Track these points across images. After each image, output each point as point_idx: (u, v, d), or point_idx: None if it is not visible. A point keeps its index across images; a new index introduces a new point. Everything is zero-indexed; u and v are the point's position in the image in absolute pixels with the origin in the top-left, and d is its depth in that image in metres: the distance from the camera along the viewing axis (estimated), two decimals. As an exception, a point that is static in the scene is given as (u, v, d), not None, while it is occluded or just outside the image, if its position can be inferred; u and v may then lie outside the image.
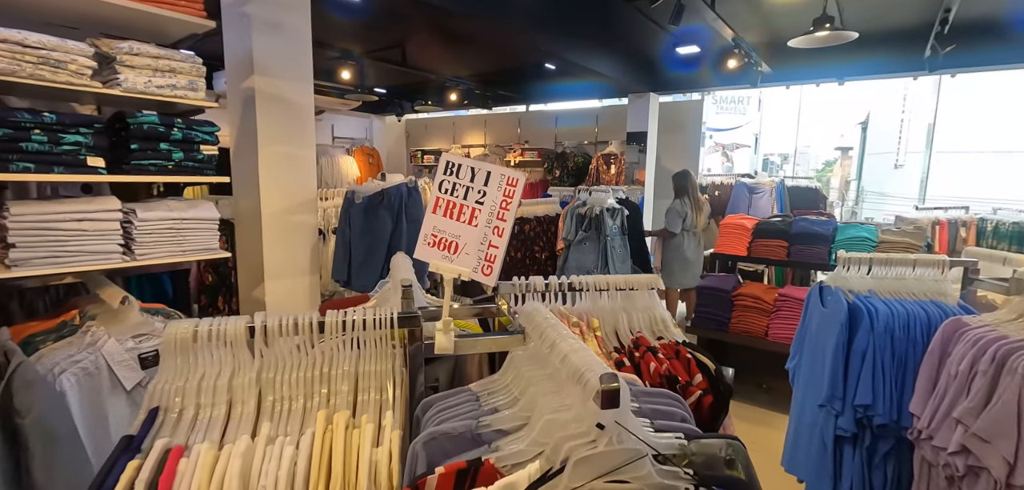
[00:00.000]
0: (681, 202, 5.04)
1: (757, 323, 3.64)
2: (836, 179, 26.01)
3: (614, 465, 0.71)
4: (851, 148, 25.75)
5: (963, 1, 3.80)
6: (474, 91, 7.38)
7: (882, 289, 2.04)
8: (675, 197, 5.11)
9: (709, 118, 26.13)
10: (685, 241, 5.07)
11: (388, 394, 1.01)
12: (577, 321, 1.42)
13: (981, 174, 13.35)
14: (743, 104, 27.96)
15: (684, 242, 5.06)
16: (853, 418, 1.91)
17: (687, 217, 5.00)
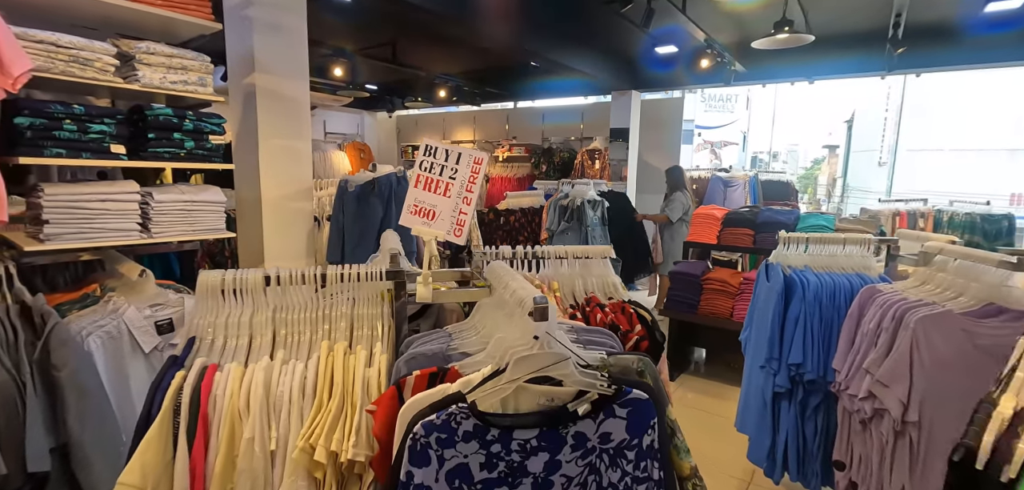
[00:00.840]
0: (683, 194, 5.50)
1: (724, 305, 3.92)
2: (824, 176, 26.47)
3: (544, 364, 0.96)
4: (838, 146, 26.21)
5: (913, 8, 4.09)
6: (463, 88, 7.62)
7: (816, 264, 2.32)
8: (674, 190, 5.54)
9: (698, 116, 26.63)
10: (685, 231, 5.44)
11: (378, 331, 1.26)
12: (539, 284, 1.67)
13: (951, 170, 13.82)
14: (731, 102, 28.35)
15: (684, 231, 5.42)
16: (787, 376, 2.19)
17: (689, 210, 5.40)
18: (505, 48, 5.55)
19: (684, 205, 5.54)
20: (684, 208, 5.51)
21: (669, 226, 5.59)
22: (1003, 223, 4.82)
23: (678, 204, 5.52)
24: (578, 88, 7.94)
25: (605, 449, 1.01)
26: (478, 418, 0.93)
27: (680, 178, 5.73)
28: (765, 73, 6.19)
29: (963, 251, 1.85)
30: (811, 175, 28.14)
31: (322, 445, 1.01)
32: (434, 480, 0.91)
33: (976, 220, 4.90)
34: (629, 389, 1.01)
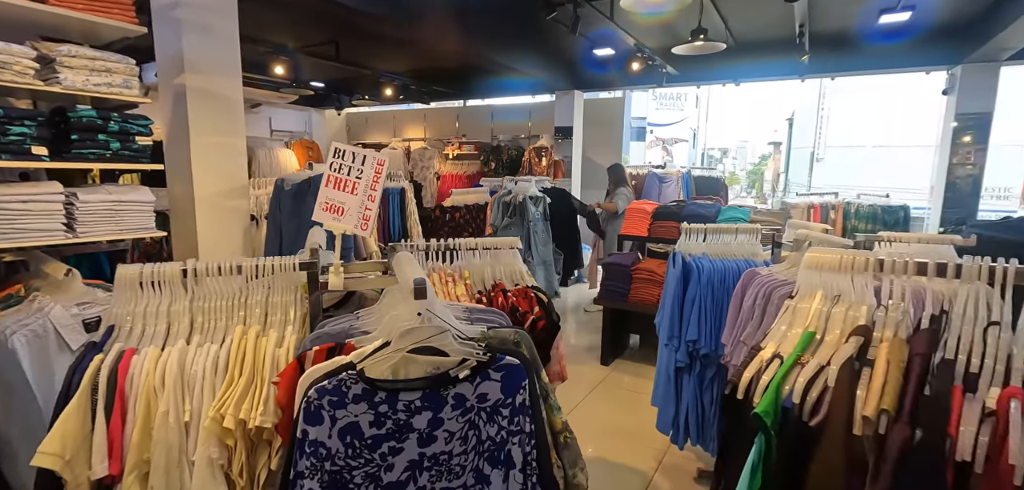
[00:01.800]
0: (626, 188, 5.82)
1: (651, 293, 4.21)
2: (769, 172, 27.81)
3: (424, 336, 1.13)
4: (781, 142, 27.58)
5: (815, 18, 4.51)
6: (410, 86, 7.68)
7: (713, 252, 2.59)
8: (618, 185, 5.84)
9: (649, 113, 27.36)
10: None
11: (290, 316, 1.39)
12: (451, 273, 1.84)
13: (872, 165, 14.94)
14: (681, 100, 29.25)
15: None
16: (686, 352, 2.45)
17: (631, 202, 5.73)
18: (448, 50, 5.68)
19: (628, 198, 5.87)
20: (628, 200, 5.82)
21: (615, 219, 5.87)
22: (900, 213, 5.36)
23: (623, 197, 5.83)
24: (525, 87, 8.16)
25: (482, 407, 1.19)
26: (367, 383, 1.09)
27: (622, 174, 6.06)
28: (694, 75, 6.60)
29: (824, 238, 2.15)
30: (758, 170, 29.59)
31: (231, 414, 1.14)
32: (327, 436, 1.07)
33: (878, 211, 5.42)
34: (503, 356, 1.19)
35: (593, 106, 8.05)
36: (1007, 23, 4.37)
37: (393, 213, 3.87)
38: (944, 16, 4.96)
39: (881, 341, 0.90)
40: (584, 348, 4.83)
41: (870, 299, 1.00)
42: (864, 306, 0.98)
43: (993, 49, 4.87)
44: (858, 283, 1.02)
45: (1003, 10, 4.46)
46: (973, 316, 0.91)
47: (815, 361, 0.91)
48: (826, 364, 0.90)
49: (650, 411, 2.79)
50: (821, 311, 1.03)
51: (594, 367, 4.40)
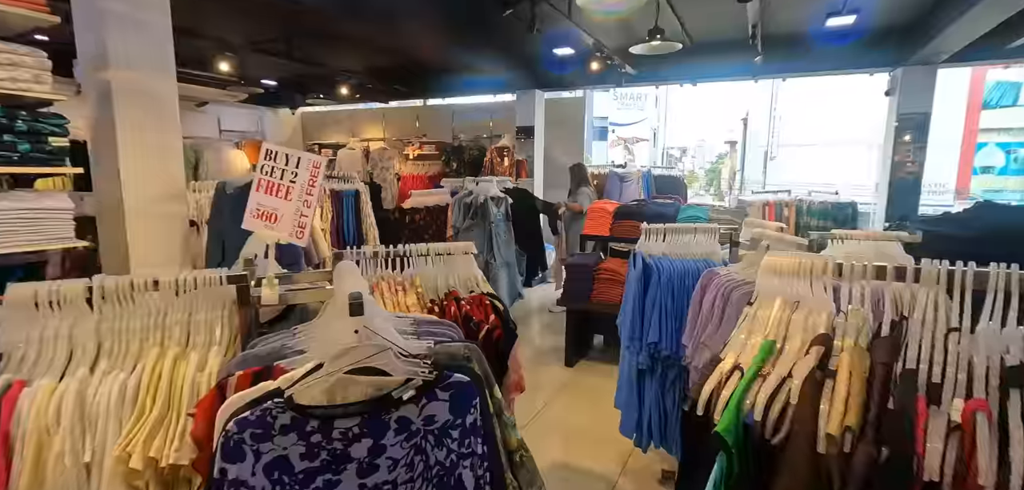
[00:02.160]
0: (588, 187, 5.81)
1: (614, 293, 4.19)
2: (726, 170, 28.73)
3: (361, 356, 1.02)
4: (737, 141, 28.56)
5: (768, 21, 4.62)
6: (367, 85, 7.46)
7: (673, 252, 2.58)
8: (580, 185, 5.81)
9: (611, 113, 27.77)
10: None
11: (216, 335, 1.26)
12: (401, 281, 1.73)
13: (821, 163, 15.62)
14: (641, 100, 29.85)
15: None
16: (648, 354, 2.42)
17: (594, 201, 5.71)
18: (406, 48, 5.53)
19: (591, 197, 5.87)
20: (590, 200, 5.82)
21: (577, 219, 5.84)
22: (848, 210, 5.54)
23: (586, 196, 5.82)
24: (486, 86, 8.07)
25: (430, 430, 1.09)
26: (296, 411, 0.97)
27: (584, 174, 6.06)
28: (653, 76, 6.68)
29: (780, 237, 2.16)
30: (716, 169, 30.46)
31: (140, 452, 1.00)
32: (251, 474, 0.95)
33: (828, 208, 5.59)
34: (450, 373, 1.10)
35: (554, 106, 8.04)
36: (943, 28, 4.58)
37: (348, 217, 3.70)
38: (886, 20, 5.18)
39: (842, 350, 0.86)
40: (548, 349, 4.78)
41: (830, 305, 0.96)
42: (824, 313, 0.95)
43: (930, 52, 5.11)
44: (817, 288, 0.99)
45: (940, 15, 4.68)
46: (932, 321, 0.88)
47: (776, 374, 0.87)
48: (787, 376, 0.85)
49: (615, 413, 2.76)
50: (780, 318, 0.99)
51: (559, 369, 4.35)
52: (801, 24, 5.23)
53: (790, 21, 5.23)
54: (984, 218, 3.78)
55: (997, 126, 15.45)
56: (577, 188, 5.95)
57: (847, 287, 0.99)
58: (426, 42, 5.21)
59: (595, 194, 5.92)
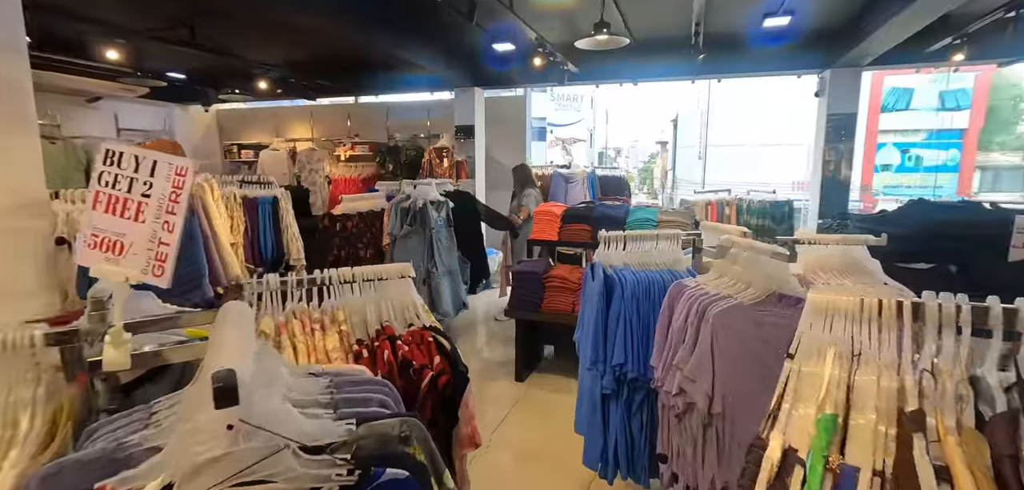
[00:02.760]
0: (534, 189, 5.51)
1: (565, 301, 3.96)
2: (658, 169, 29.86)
3: (243, 465, 0.67)
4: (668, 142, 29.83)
5: (709, 20, 4.58)
6: (290, 80, 6.81)
7: (634, 261, 2.35)
8: (525, 186, 5.51)
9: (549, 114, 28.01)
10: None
11: (21, 429, 0.84)
12: (319, 318, 1.36)
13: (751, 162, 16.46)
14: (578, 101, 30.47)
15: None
16: (613, 376, 2.17)
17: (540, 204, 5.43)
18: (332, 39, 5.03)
19: (537, 199, 5.61)
20: (537, 201, 5.56)
21: (524, 223, 5.57)
22: (785, 208, 5.67)
23: (533, 198, 5.54)
24: (423, 84, 7.64)
25: (353, 554, 0.75)
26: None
27: (529, 175, 5.80)
28: (595, 74, 6.55)
29: (748, 244, 1.97)
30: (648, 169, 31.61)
31: None
32: None
33: (767, 207, 5.69)
34: (380, 471, 0.77)
35: (494, 105, 7.76)
36: (870, 32, 4.74)
37: (264, 228, 3.21)
38: (817, 23, 5.32)
39: (944, 434, 0.62)
40: (497, 363, 4.48)
41: (905, 362, 0.73)
42: (905, 375, 0.71)
43: (857, 55, 5.30)
44: (887, 337, 0.75)
45: (867, 20, 4.84)
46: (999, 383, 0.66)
47: (862, 466, 0.61)
48: (880, 474, 0.60)
49: (573, 433, 2.51)
50: (838, 380, 0.74)
51: (509, 385, 4.06)
52: (739, 25, 5.26)
53: (729, 22, 5.25)
54: (916, 216, 3.89)
55: (894, 127, 16.98)
56: (521, 190, 5.68)
57: (909, 331, 0.76)
58: (354, 33, 4.74)
59: (540, 196, 5.67)
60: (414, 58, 5.45)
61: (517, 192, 5.72)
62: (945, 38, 4.66)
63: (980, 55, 4.97)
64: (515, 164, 5.98)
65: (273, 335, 1.26)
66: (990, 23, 4.25)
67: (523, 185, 5.70)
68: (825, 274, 2.21)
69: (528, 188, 5.65)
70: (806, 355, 0.83)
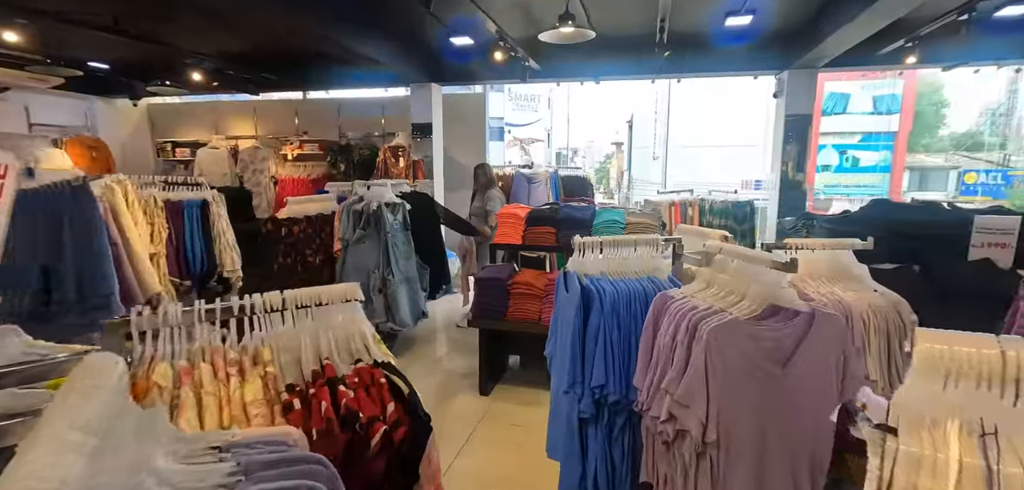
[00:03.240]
0: (497, 190, 5.37)
1: (531, 309, 3.74)
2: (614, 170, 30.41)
3: None
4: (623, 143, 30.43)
5: (673, 18, 4.48)
6: (228, 72, 6.26)
7: (611, 269, 2.14)
8: (488, 187, 5.24)
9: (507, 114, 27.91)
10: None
11: None
12: (238, 358, 1.06)
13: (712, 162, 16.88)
14: (535, 102, 30.59)
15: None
16: (592, 400, 1.96)
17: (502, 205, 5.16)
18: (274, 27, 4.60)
19: (501, 200, 5.35)
20: (500, 203, 5.31)
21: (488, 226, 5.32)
22: (747, 208, 5.68)
23: (498, 200, 5.28)
24: (377, 79, 7.25)
25: None
26: None
27: (491, 175, 5.52)
28: (557, 71, 6.38)
29: (739, 251, 1.81)
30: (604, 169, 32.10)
31: None
32: None
33: (729, 207, 5.68)
34: None
35: (453, 102, 7.46)
36: (827, 34, 4.77)
37: (192, 236, 2.81)
38: (776, 24, 5.33)
39: None
40: (460, 375, 4.21)
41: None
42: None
43: (813, 57, 5.36)
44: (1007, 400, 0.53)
45: (823, 23, 4.88)
46: None
47: None
48: None
49: (544, 452, 2.28)
50: (974, 470, 0.52)
51: (473, 399, 3.80)
52: (702, 24, 5.21)
53: (692, 21, 5.18)
54: (878, 216, 3.91)
55: (833, 130, 17.92)
56: (484, 191, 5.40)
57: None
58: (301, 22, 4.35)
59: (503, 197, 5.43)
60: (367, 51, 5.09)
61: (479, 192, 5.44)
62: (898, 41, 4.76)
63: (931, 58, 5.11)
64: (474, 164, 5.70)
65: (171, 387, 0.96)
66: (941, 27, 4.35)
67: (486, 186, 5.44)
68: (814, 282, 2.08)
69: (492, 189, 5.39)
70: (910, 427, 0.60)
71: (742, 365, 1.59)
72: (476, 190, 5.46)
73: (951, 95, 26.78)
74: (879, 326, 1.86)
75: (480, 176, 5.41)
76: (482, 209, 5.31)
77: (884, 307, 1.88)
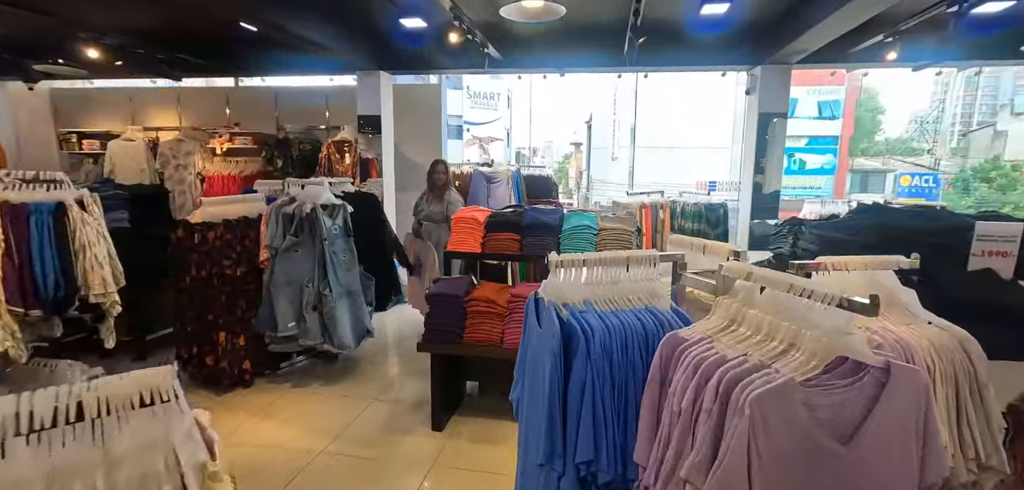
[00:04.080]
0: (456, 192, 4.80)
1: (492, 330, 3.21)
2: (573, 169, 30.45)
3: None
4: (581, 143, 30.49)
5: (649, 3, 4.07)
6: (135, 51, 5.38)
7: (599, 296, 1.64)
8: (446, 189, 4.62)
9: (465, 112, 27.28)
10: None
11: None
12: None
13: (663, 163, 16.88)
14: (495, 100, 30.12)
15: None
16: (576, 478, 1.45)
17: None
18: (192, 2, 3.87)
19: (459, 202, 4.75)
20: (458, 206, 4.72)
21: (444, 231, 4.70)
22: (720, 211, 5.37)
23: (458, 205, 4.66)
24: (320, 66, 6.52)
25: None
26: None
27: (448, 174, 4.89)
28: (519, 61, 5.87)
29: (768, 276, 1.35)
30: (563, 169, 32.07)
31: None
32: None
33: (701, 209, 5.35)
34: None
35: (406, 93, 6.83)
36: (805, 27, 4.48)
37: (41, 249, 2.11)
38: (750, 15, 5.02)
39: None
40: (411, 405, 3.63)
41: None
42: None
43: (788, 52, 5.09)
44: None
45: (801, 15, 4.59)
46: None
47: None
48: None
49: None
50: None
51: (425, 438, 3.23)
52: (676, 13, 4.83)
53: (667, 10, 4.79)
54: (871, 223, 3.61)
55: (790, 132, 18.43)
56: (442, 192, 4.74)
57: None
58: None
59: (461, 199, 4.84)
60: (305, 33, 4.42)
61: (434, 193, 4.76)
62: (877, 35, 4.53)
63: (909, 57, 4.94)
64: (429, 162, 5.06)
65: None
66: (923, 22, 4.13)
67: (445, 186, 4.79)
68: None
69: (450, 192, 4.77)
70: None
71: (792, 442, 1.12)
72: (430, 189, 4.83)
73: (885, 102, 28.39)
74: (946, 372, 1.45)
75: (440, 174, 4.80)
76: (442, 213, 4.68)
77: (948, 345, 1.47)
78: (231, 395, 3.79)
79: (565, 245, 3.51)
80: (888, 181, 24.67)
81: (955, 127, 29.22)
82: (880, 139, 30.47)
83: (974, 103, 33.30)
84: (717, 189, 8.20)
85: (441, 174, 4.67)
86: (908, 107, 30.58)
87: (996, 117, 28.96)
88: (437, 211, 4.67)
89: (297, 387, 3.95)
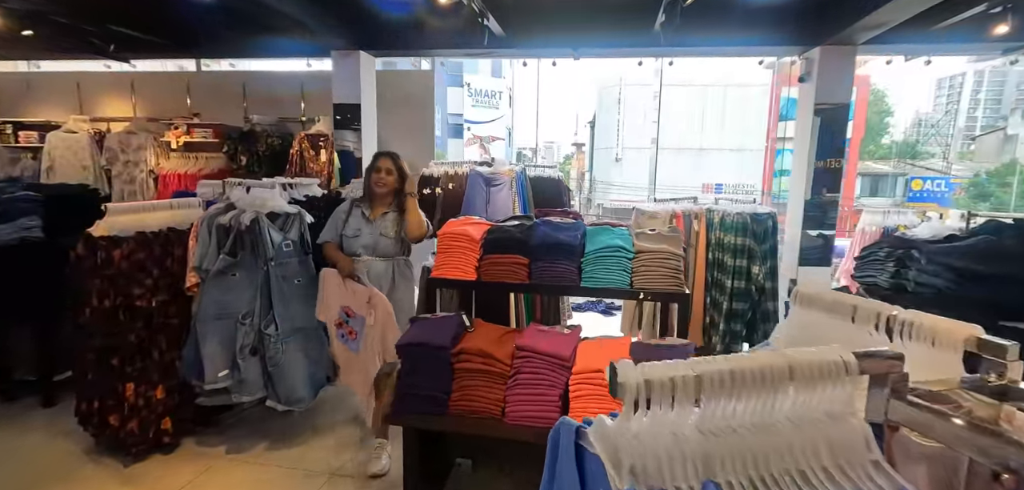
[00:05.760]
0: (419, 213, 3.55)
1: (489, 397, 2.25)
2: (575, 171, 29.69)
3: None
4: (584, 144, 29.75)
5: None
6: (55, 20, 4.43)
7: (727, 455, 0.70)
8: (394, 200, 3.59)
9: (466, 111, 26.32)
10: None
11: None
12: None
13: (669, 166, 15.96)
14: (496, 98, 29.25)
15: None
16: None
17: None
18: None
19: (425, 226, 3.72)
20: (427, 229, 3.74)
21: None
22: (768, 223, 4.39)
23: (421, 227, 3.62)
24: (293, 48, 5.60)
25: None
26: None
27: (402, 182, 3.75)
28: (526, 43, 4.92)
29: None
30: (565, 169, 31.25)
31: None
32: None
33: (746, 221, 4.37)
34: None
35: (392, 82, 5.90)
36: None
37: None
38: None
39: None
40: (382, 483, 2.68)
41: None
42: None
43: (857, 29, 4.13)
44: None
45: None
46: None
47: None
48: None
49: None
50: None
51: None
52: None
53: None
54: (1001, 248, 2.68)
55: (790, 135, 17.51)
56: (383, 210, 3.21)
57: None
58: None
59: (425, 223, 3.59)
60: (276, 4, 3.49)
61: (365, 210, 3.17)
62: (978, 5, 3.58)
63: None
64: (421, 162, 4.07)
65: None
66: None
67: (385, 197, 3.21)
68: None
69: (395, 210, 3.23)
70: None
71: None
72: (365, 200, 3.22)
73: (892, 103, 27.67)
74: None
75: (383, 176, 3.16)
76: (392, 241, 3.17)
77: None
78: (143, 466, 2.86)
79: (588, 273, 2.60)
80: (899, 185, 24.08)
81: (961, 130, 28.58)
82: (887, 142, 29.63)
83: (978, 106, 32.50)
84: (722, 192, 7.18)
85: (384, 177, 3.11)
86: (912, 108, 29.76)
87: (1003, 120, 28.22)
88: (378, 236, 3.10)
89: (233, 453, 3.01)
